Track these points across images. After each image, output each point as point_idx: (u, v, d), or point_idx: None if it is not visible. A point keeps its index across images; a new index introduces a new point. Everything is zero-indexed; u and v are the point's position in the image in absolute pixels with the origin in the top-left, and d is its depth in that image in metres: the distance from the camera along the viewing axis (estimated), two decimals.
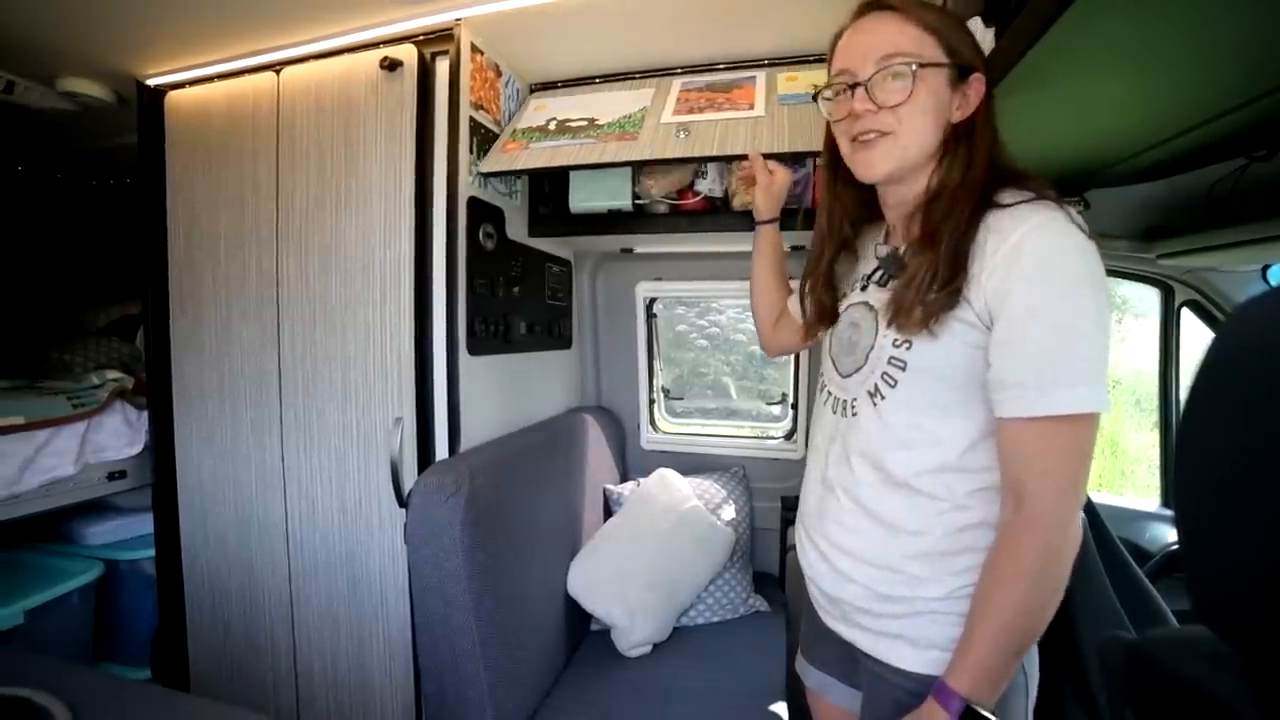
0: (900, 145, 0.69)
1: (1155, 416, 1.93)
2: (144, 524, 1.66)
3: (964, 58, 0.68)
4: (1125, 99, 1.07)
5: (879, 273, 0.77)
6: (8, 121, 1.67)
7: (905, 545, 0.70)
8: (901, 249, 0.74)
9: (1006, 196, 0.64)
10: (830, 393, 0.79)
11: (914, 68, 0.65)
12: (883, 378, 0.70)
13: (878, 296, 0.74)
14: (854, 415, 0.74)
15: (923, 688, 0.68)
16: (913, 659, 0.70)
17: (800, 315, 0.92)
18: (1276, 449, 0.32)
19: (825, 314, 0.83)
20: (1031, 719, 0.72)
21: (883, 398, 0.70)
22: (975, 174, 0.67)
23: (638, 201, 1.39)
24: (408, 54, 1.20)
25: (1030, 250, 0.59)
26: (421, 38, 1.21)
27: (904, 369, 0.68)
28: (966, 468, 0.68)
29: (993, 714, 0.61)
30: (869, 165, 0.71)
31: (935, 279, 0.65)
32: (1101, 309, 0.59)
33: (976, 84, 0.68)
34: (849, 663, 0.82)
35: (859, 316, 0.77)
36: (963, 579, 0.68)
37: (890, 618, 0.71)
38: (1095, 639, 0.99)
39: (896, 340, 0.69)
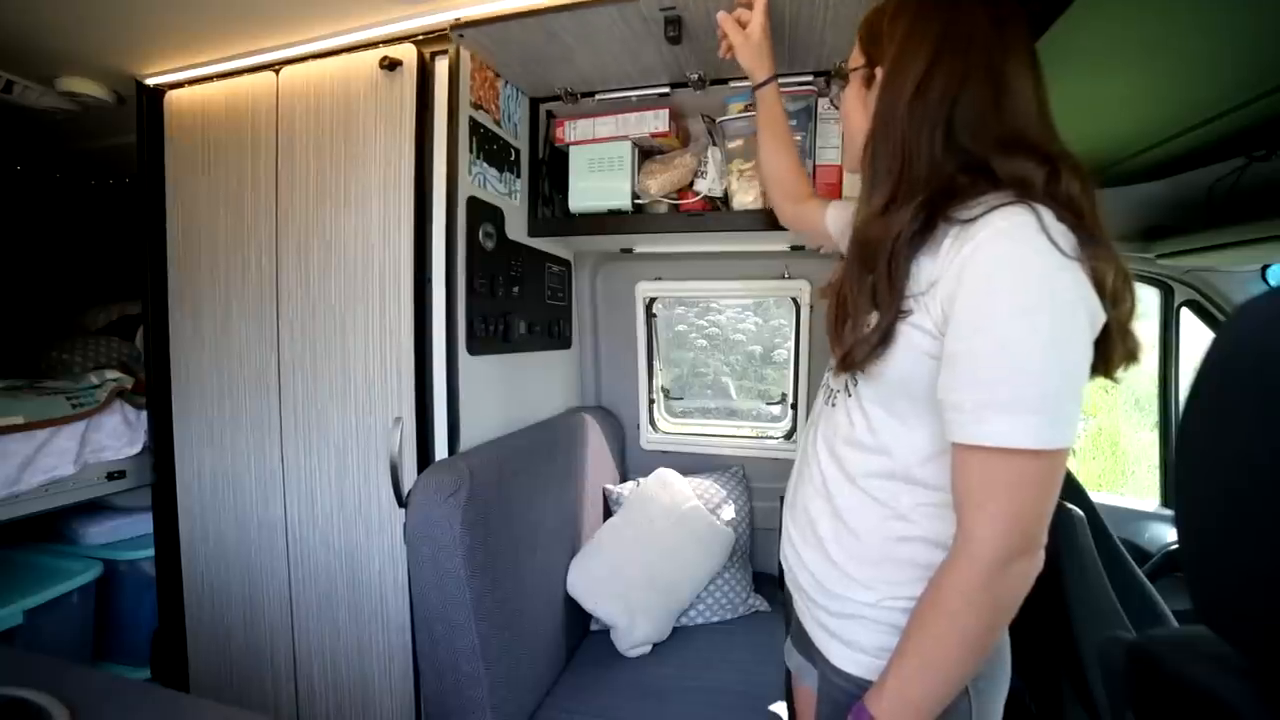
0: (846, 144, 0.79)
1: (1155, 416, 1.94)
2: (143, 524, 1.66)
3: (870, 53, 0.70)
4: (1125, 98, 1.07)
5: None
6: (7, 121, 1.67)
7: (846, 542, 0.70)
8: None
9: (976, 207, 0.57)
10: (828, 380, 0.80)
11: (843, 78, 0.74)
12: (851, 375, 0.69)
13: None
14: (832, 406, 0.75)
15: (855, 688, 0.68)
16: (845, 659, 0.70)
17: (834, 229, 0.94)
18: (1277, 450, 0.32)
19: None
20: None
21: (849, 395, 0.71)
22: (867, 166, 0.67)
23: (637, 201, 1.39)
24: (407, 54, 1.20)
25: (983, 258, 0.54)
26: (421, 37, 1.21)
27: (862, 372, 0.67)
28: (917, 481, 0.65)
29: None
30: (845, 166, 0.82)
31: (848, 305, 0.64)
32: (1062, 333, 0.52)
33: (877, 74, 0.68)
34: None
35: None
36: (895, 590, 0.66)
37: (828, 614, 0.72)
38: (1095, 638, 0.99)
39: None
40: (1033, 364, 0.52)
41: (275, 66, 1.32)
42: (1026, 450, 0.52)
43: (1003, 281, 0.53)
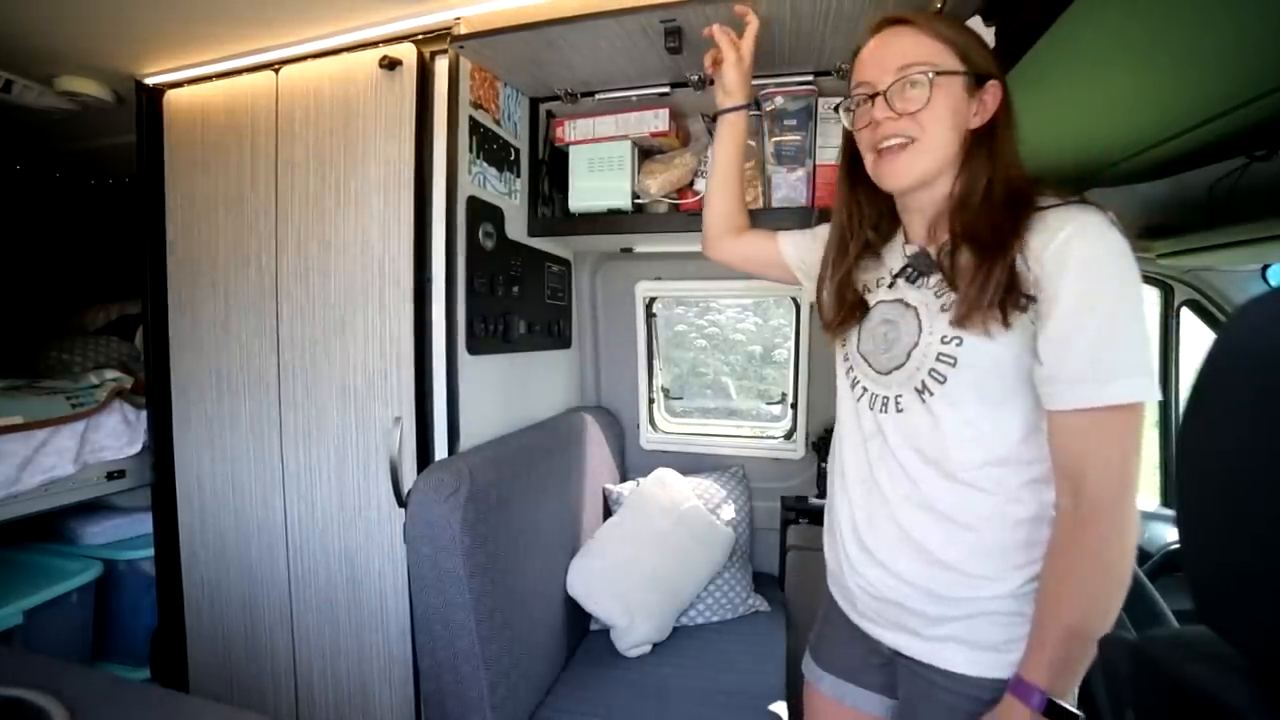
0: (924, 151, 0.71)
1: (1155, 416, 1.94)
2: (143, 524, 1.66)
3: (979, 66, 0.71)
4: (1126, 98, 1.07)
5: (909, 270, 0.77)
6: (6, 121, 1.67)
7: (964, 541, 0.70)
8: (933, 250, 0.75)
9: (1042, 200, 0.66)
10: (865, 388, 0.79)
11: (931, 75, 0.68)
12: (930, 374, 0.70)
13: (916, 295, 0.75)
14: (900, 411, 0.74)
15: (978, 691, 0.69)
16: (968, 663, 0.70)
17: (792, 259, 0.99)
18: (1277, 450, 0.32)
19: (854, 310, 0.82)
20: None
21: (931, 394, 0.70)
22: (1006, 174, 0.70)
23: (637, 201, 1.39)
24: (407, 53, 1.20)
25: (1081, 248, 0.61)
26: (421, 36, 1.21)
27: (954, 365, 0.68)
28: (1018, 460, 0.69)
29: (1076, 709, 0.61)
30: (895, 175, 0.73)
31: (1003, 283, 0.66)
32: (1143, 305, 0.62)
33: (994, 90, 0.71)
34: (874, 669, 0.83)
35: (894, 314, 0.77)
36: (1022, 574, 0.69)
37: (946, 621, 0.71)
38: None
39: (946, 337, 0.69)
40: (1137, 332, 0.61)
41: (275, 66, 1.32)
42: (1138, 404, 0.61)
43: (1107, 267, 0.61)
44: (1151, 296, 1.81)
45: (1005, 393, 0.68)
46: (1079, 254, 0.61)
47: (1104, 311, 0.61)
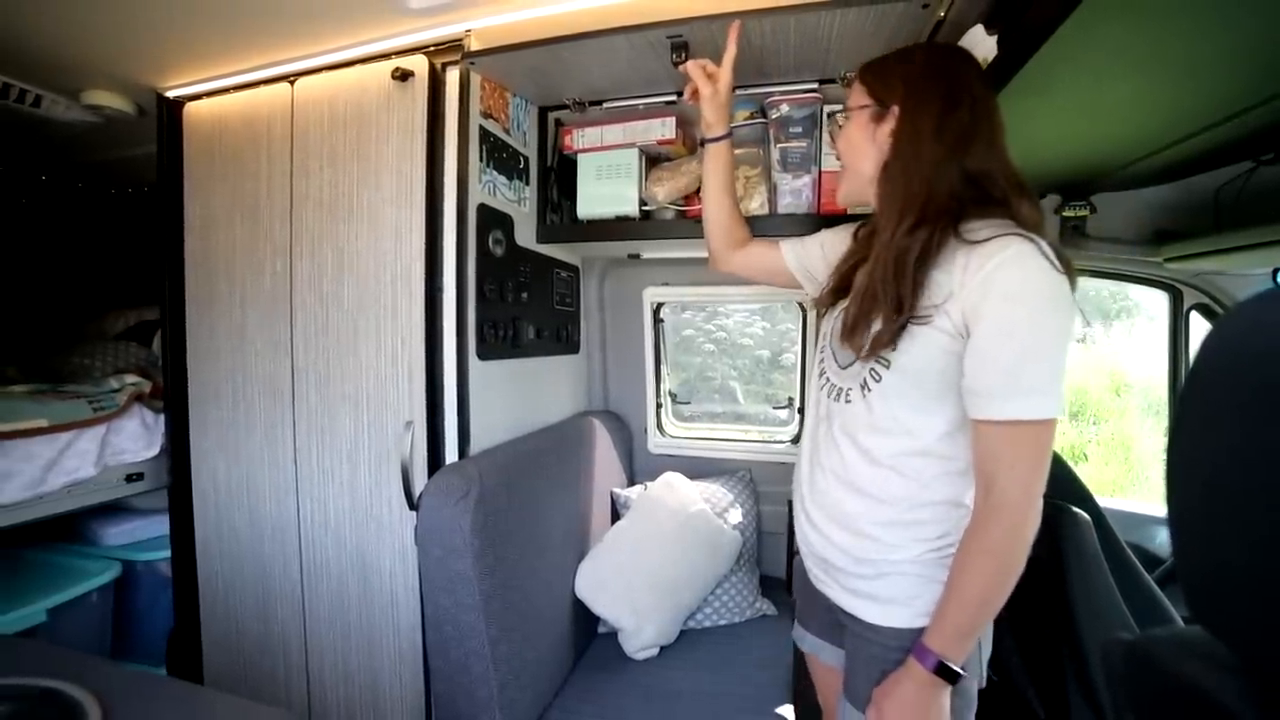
0: (847, 173, 0.90)
1: (1165, 423, 1.92)
2: (160, 525, 1.69)
3: (880, 95, 0.83)
4: (1131, 103, 1.07)
5: None
6: (33, 134, 1.72)
7: (878, 513, 0.80)
8: None
9: (982, 231, 0.72)
10: (829, 379, 0.88)
11: (839, 115, 0.88)
12: (870, 373, 0.80)
13: None
14: (847, 402, 0.83)
15: (890, 640, 0.79)
16: (879, 614, 0.81)
17: (794, 264, 1.07)
18: (1262, 450, 0.33)
19: (837, 295, 0.92)
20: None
21: (870, 390, 0.80)
22: (894, 191, 0.79)
23: (645, 207, 1.40)
24: (419, 64, 1.23)
25: (1003, 279, 0.69)
26: (432, 48, 1.23)
27: (888, 367, 0.77)
28: (937, 454, 0.78)
29: (962, 669, 0.73)
30: (837, 194, 0.94)
31: (878, 305, 0.76)
32: (1063, 332, 0.69)
33: (890, 115, 0.81)
34: (836, 626, 0.91)
35: None
36: (924, 545, 0.79)
37: (862, 578, 0.82)
38: (1100, 640, 0.99)
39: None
40: (1047, 357, 0.69)
41: (290, 78, 1.36)
42: (1044, 420, 0.69)
43: (1023, 296, 0.68)
44: (1160, 300, 1.80)
45: (929, 396, 0.76)
46: (1002, 284, 0.68)
47: (1020, 337, 0.68)
